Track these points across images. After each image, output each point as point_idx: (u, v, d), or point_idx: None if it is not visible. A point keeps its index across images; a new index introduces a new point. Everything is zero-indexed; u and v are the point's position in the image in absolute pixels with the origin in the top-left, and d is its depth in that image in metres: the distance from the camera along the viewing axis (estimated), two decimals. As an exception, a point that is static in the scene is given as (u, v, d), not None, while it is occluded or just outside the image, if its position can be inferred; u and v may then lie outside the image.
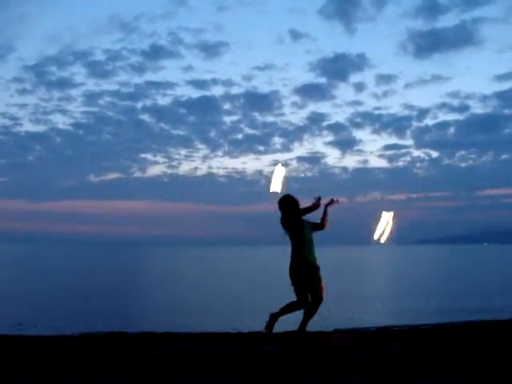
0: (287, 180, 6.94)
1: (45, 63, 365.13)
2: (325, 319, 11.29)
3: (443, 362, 5.10)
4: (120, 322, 10.95)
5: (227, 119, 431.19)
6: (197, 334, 7.28)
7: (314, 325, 7.48)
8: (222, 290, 20.75)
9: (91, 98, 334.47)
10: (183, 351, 5.71)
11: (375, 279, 29.50)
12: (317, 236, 7.32)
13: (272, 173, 6.87)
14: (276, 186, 6.71)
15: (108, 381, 4.52)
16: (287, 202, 7.22)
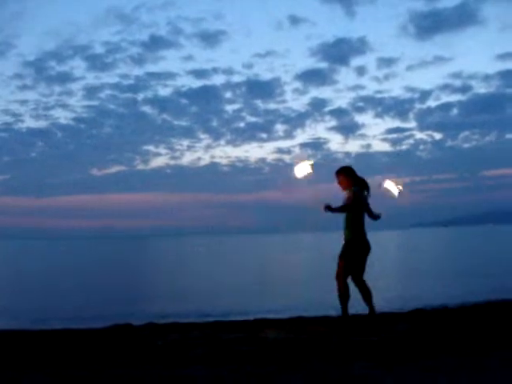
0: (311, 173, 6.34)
1: (44, 58, 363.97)
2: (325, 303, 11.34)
3: (447, 343, 5.12)
4: (126, 314, 11.01)
5: (229, 108, 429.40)
6: (201, 323, 7.32)
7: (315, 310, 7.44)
8: (227, 279, 20.80)
9: (92, 91, 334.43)
10: (189, 340, 5.75)
11: (384, 264, 29.49)
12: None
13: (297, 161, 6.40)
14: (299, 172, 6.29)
15: (115, 371, 4.55)
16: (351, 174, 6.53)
